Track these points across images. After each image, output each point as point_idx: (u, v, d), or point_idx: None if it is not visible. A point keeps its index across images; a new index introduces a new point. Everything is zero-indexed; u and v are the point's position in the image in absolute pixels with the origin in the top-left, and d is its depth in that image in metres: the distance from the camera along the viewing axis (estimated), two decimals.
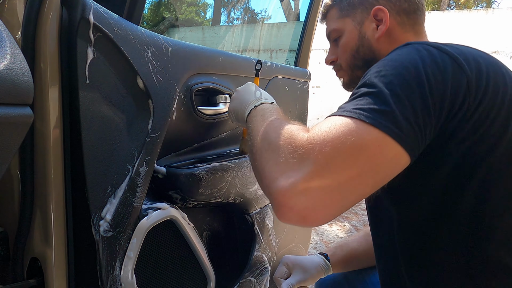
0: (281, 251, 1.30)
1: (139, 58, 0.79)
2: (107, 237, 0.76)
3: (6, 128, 0.51)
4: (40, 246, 0.75)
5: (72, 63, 0.70)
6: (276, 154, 0.60)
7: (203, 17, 4.25)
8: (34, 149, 0.72)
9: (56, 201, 0.74)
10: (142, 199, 0.82)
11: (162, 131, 0.83)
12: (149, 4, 3.51)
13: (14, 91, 0.51)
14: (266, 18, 3.82)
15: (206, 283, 1.03)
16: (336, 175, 0.54)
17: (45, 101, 0.70)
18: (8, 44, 0.53)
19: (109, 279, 0.77)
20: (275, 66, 1.29)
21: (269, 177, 0.59)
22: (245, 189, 1.08)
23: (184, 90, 0.94)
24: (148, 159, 0.81)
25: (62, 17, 0.70)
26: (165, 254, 0.93)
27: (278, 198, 0.56)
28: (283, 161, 0.58)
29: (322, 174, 0.54)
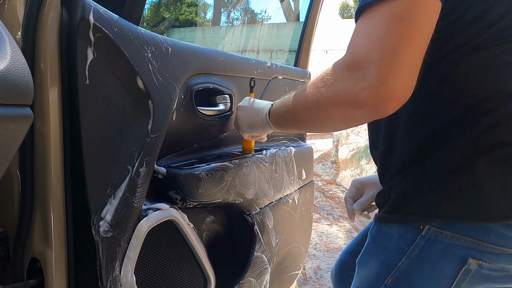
0: (281, 251, 1.30)
1: (139, 58, 0.79)
2: (107, 238, 0.76)
3: (6, 129, 0.51)
4: (40, 247, 0.75)
5: (72, 63, 0.70)
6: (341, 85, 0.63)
7: (203, 17, 4.25)
8: (34, 149, 0.72)
9: (56, 201, 0.74)
10: (142, 200, 0.82)
11: (162, 132, 0.83)
12: (149, 4, 3.51)
13: (14, 91, 0.51)
14: (266, 19, 3.83)
15: (206, 283, 1.03)
16: (396, 55, 0.57)
17: (45, 101, 0.70)
18: (8, 44, 0.53)
19: (109, 280, 0.77)
20: (275, 66, 1.29)
21: (352, 101, 0.61)
22: (245, 189, 1.08)
23: (184, 90, 0.94)
24: (148, 159, 0.81)
25: (62, 18, 0.70)
26: (165, 255, 0.93)
27: (374, 104, 0.60)
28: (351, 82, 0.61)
29: (387, 61, 0.58)
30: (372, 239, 0.79)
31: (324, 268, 2.57)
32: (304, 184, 1.44)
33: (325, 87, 0.65)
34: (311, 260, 2.68)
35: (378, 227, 0.77)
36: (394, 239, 0.73)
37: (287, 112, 0.80)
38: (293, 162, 1.32)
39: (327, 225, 3.41)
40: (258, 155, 1.14)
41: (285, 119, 0.83)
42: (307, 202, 1.46)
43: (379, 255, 0.76)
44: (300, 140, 1.51)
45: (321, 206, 3.92)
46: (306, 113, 0.73)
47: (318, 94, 0.67)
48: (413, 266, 0.71)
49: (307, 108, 0.71)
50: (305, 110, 0.72)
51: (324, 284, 2.35)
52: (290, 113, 0.78)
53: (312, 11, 1.57)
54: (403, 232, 0.72)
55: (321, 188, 4.47)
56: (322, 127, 0.75)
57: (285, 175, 1.27)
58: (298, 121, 0.78)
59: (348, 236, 3.18)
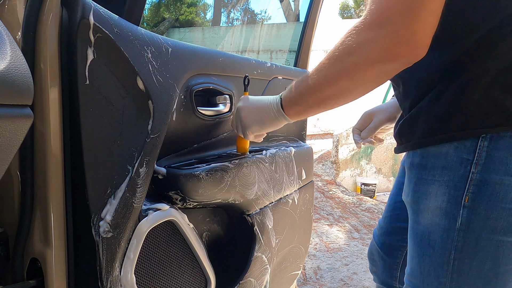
0: (281, 251, 1.30)
1: (139, 58, 0.79)
2: (107, 238, 0.76)
3: (6, 129, 0.51)
4: (40, 247, 0.75)
5: (72, 63, 0.70)
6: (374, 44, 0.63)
7: (203, 17, 4.26)
8: (34, 149, 0.72)
9: (56, 201, 0.74)
10: (142, 200, 0.82)
11: (162, 132, 0.83)
12: (149, 4, 3.52)
13: (14, 91, 0.51)
14: (266, 19, 3.83)
15: (206, 283, 1.03)
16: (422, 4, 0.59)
17: (45, 101, 0.70)
18: (8, 44, 0.53)
19: (109, 280, 0.77)
20: (275, 66, 1.29)
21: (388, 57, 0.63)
22: (245, 189, 1.08)
23: (184, 90, 0.94)
24: (148, 159, 0.81)
25: (62, 18, 0.70)
26: (165, 255, 0.93)
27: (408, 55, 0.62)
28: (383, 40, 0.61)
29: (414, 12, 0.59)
30: (419, 167, 0.72)
31: (324, 268, 2.57)
32: (304, 184, 1.44)
33: (355, 54, 0.65)
34: (311, 260, 2.68)
35: (422, 152, 0.71)
36: (450, 155, 0.67)
37: (306, 95, 0.77)
38: (293, 162, 1.32)
39: (327, 225, 3.41)
40: (258, 155, 1.14)
41: (304, 104, 0.79)
42: (307, 202, 1.46)
43: (440, 178, 0.68)
44: (300, 140, 1.51)
45: (321, 206, 3.92)
46: (335, 87, 0.71)
47: (347, 63, 0.67)
48: (486, 171, 0.64)
49: (335, 81, 0.70)
50: (334, 84, 0.70)
51: (324, 284, 2.35)
52: (311, 95, 0.75)
53: (312, 11, 1.57)
54: (458, 145, 0.67)
55: (321, 188, 4.48)
56: (351, 95, 0.72)
57: (285, 175, 1.27)
58: (324, 99, 0.75)
59: (348, 236, 3.18)
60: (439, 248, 0.69)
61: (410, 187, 0.74)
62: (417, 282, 0.75)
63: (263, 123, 0.90)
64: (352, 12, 26.44)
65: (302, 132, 1.53)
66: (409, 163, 0.75)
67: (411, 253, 0.76)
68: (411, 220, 0.76)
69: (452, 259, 0.68)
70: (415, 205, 0.73)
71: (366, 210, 3.92)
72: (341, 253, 2.83)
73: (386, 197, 4.90)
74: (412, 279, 0.76)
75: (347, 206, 4.01)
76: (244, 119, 0.92)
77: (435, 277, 0.71)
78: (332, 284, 2.36)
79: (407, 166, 0.76)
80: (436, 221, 0.69)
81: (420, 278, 0.74)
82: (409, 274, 0.78)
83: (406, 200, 0.77)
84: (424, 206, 0.71)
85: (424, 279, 0.73)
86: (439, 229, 0.69)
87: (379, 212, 3.86)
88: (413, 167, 0.74)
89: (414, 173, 0.73)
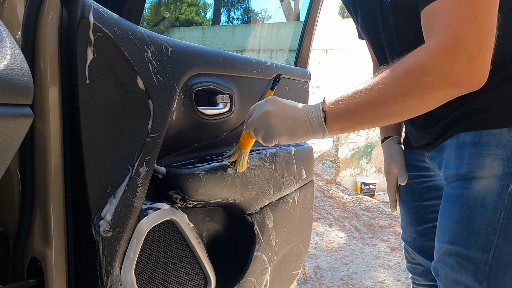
0: (281, 251, 1.30)
1: (139, 58, 0.79)
2: (107, 237, 0.76)
3: (6, 128, 0.51)
4: (40, 246, 0.75)
5: (72, 63, 0.70)
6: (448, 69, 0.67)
7: (203, 17, 4.25)
8: (34, 149, 0.72)
9: (56, 201, 0.74)
10: (142, 199, 0.82)
11: (162, 131, 0.83)
12: (149, 3, 3.51)
13: (14, 91, 0.51)
14: (266, 18, 3.83)
15: (206, 283, 1.03)
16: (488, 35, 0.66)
17: (45, 101, 0.70)
18: (8, 44, 0.53)
19: (109, 279, 0.77)
20: (275, 66, 1.29)
21: (462, 82, 0.68)
22: (245, 189, 1.08)
23: (184, 90, 0.94)
24: (148, 159, 0.81)
25: (62, 17, 0.70)
26: (165, 254, 0.93)
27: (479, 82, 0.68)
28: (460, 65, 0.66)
29: (485, 43, 0.66)
30: (472, 145, 0.81)
31: (324, 268, 2.57)
32: (304, 184, 1.44)
33: (431, 75, 0.68)
34: (311, 259, 2.68)
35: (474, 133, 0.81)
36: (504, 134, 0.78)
37: (363, 110, 0.73)
38: (293, 161, 1.32)
39: (327, 224, 3.41)
40: (258, 155, 1.14)
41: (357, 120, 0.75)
42: (307, 201, 1.46)
43: (494, 152, 0.79)
44: None
45: (321, 205, 3.92)
46: (401, 105, 0.71)
47: (421, 83, 0.68)
48: None
49: (404, 98, 0.70)
50: (401, 101, 0.71)
51: (324, 284, 2.35)
52: (370, 110, 0.73)
53: (312, 11, 1.57)
54: None
55: (321, 188, 4.48)
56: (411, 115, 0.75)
57: (285, 175, 1.27)
58: (384, 116, 0.74)
59: (348, 235, 3.18)
60: (491, 208, 0.79)
61: (463, 161, 0.82)
62: (462, 242, 0.81)
63: (295, 135, 0.81)
64: None
65: None
66: (458, 143, 0.84)
67: (456, 217, 0.83)
68: (459, 188, 0.83)
69: (502, 218, 0.78)
70: (469, 174, 0.81)
71: (366, 210, 3.92)
72: (341, 253, 2.83)
73: (386, 197, 4.90)
74: (455, 241, 0.83)
75: (347, 206, 4.01)
76: (274, 126, 0.81)
77: (484, 235, 0.79)
78: (332, 284, 2.36)
79: (454, 146, 0.84)
80: (491, 186, 0.79)
81: (466, 238, 0.81)
82: (450, 238, 0.84)
83: (456, 173, 0.84)
84: (480, 174, 0.80)
85: (471, 238, 0.80)
86: (493, 193, 0.79)
87: (379, 212, 3.86)
88: (464, 145, 0.82)
89: (467, 149, 0.82)
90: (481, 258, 0.79)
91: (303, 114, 0.80)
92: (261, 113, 0.84)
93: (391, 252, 2.89)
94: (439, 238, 0.87)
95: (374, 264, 2.67)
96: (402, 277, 2.50)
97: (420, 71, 0.68)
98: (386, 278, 2.48)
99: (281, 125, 0.81)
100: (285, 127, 0.81)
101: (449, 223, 0.84)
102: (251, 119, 0.87)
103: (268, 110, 0.82)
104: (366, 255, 2.82)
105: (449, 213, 0.85)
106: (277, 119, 0.81)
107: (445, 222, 0.86)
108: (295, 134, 0.81)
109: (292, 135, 0.81)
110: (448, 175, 0.87)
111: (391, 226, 3.48)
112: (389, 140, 1.15)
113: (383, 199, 4.59)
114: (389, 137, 1.15)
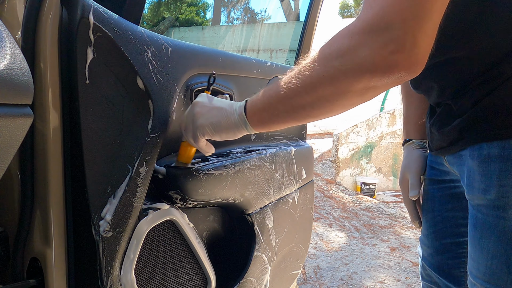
0: (281, 251, 1.30)
1: (139, 58, 0.79)
2: (107, 237, 0.76)
3: (6, 128, 0.51)
4: (40, 246, 0.75)
5: (72, 63, 0.70)
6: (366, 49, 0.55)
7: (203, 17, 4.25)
8: (34, 149, 0.72)
9: (56, 201, 0.74)
10: (142, 199, 0.82)
11: (162, 131, 0.83)
12: (149, 3, 3.52)
13: (14, 91, 0.51)
14: (266, 18, 3.83)
15: (206, 283, 1.03)
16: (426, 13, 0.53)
17: (45, 101, 0.70)
18: (8, 44, 0.53)
19: (109, 279, 0.77)
20: (275, 66, 1.29)
21: (382, 67, 0.55)
22: (245, 189, 1.08)
23: (184, 90, 0.94)
24: (148, 159, 0.81)
25: (62, 17, 0.70)
26: (165, 255, 0.93)
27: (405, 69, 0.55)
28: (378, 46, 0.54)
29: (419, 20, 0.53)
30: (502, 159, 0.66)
31: (324, 268, 2.57)
32: (304, 184, 1.44)
33: (342, 59, 0.57)
34: (311, 259, 2.69)
35: (501, 143, 0.66)
36: None
37: (276, 101, 0.67)
38: (293, 161, 1.32)
39: (327, 224, 3.41)
40: (258, 155, 1.14)
41: (272, 111, 0.69)
42: (307, 201, 1.46)
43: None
44: (300, 139, 1.51)
45: (321, 205, 3.92)
46: (312, 95, 0.62)
47: (332, 68, 0.58)
48: None
49: (314, 87, 0.61)
50: (311, 91, 0.62)
51: (324, 284, 2.35)
52: (282, 101, 0.66)
53: (312, 11, 1.57)
54: None
55: (321, 188, 4.48)
56: (328, 108, 0.64)
57: (285, 175, 1.27)
58: (296, 108, 0.66)
59: (348, 235, 3.18)
60: None
61: (492, 181, 0.67)
62: (500, 282, 0.69)
63: (218, 126, 0.77)
64: (352, 11, 26.42)
65: (302, 132, 1.53)
66: (481, 155, 0.69)
67: (492, 252, 0.70)
68: (492, 216, 0.69)
69: None
70: (502, 200, 0.67)
71: (366, 210, 3.92)
72: (341, 253, 2.83)
73: (386, 197, 4.91)
74: (491, 280, 0.70)
75: (347, 206, 4.01)
76: (197, 115, 0.79)
77: None
78: (332, 284, 2.36)
79: (477, 160, 0.70)
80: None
81: (507, 278, 0.68)
82: (485, 276, 0.71)
83: (484, 196, 0.69)
84: None
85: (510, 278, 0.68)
86: None
87: (379, 211, 3.86)
88: (490, 159, 0.67)
89: (495, 165, 0.67)
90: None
91: (229, 105, 0.77)
92: (189, 108, 0.83)
93: (391, 252, 2.89)
94: (472, 271, 0.76)
95: (374, 264, 2.67)
96: (402, 277, 2.50)
97: (332, 55, 0.58)
98: (386, 278, 2.48)
99: (205, 114, 0.78)
100: (209, 116, 0.78)
101: (483, 256, 0.72)
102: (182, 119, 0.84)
103: (195, 102, 0.82)
104: (366, 255, 2.82)
105: (481, 244, 0.72)
106: (201, 108, 0.79)
107: (478, 254, 0.73)
108: (219, 126, 0.77)
109: (215, 127, 0.77)
110: (474, 197, 0.73)
111: (391, 226, 3.48)
112: (409, 143, 1.03)
113: (383, 199, 4.60)
114: (410, 140, 1.03)
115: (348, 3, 27.09)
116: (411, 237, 3.21)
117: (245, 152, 1.14)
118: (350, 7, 26.97)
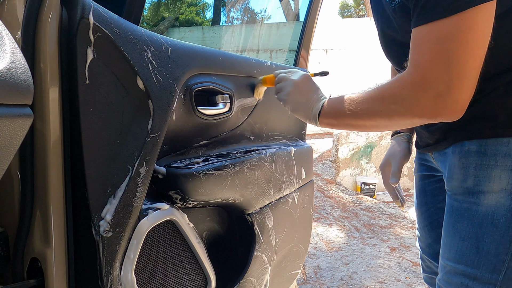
0: (281, 250, 1.30)
1: (139, 58, 0.79)
2: (107, 237, 0.76)
3: (6, 128, 0.51)
4: (40, 246, 0.75)
5: (72, 63, 0.70)
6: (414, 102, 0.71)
7: (203, 17, 4.25)
8: (34, 149, 0.72)
9: (56, 201, 0.74)
10: (142, 199, 0.82)
11: (162, 131, 0.83)
12: (148, 4, 3.52)
13: (14, 91, 0.51)
14: (266, 18, 3.83)
15: (206, 283, 1.03)
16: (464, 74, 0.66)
17: (45, 101, 0.70)
18: (8, 44, 0.53)
19: (109, 279, 0.77)
20: (275, 66, 1.29)
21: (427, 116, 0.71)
22: (244, 189, 1.08)
23: (184, 90, 0.94)
24: (148, 159, 0.81)
25: (62, 17, 0.70)
26: (165, 254, 0.93)
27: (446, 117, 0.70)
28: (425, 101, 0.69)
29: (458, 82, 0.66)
30: (478, 154, 0.77)
31: (324, 268, 2.57)
32: (304, 184, 1.44)
33: (398, 105, 0.73)
34: (311, 259, 2.69)
35: (479, 141, 0.77)
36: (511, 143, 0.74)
37: (344, 116, 0.83)
38: (293, 161, 1.32)
39: (327, 224, 3.41)
40: (258, 155, 1.14)
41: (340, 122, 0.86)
42: (307, 201, 1.46)
43: (502, 163, 0.75)
44: (300, 139, 1.51)
45: (321, 205, 3.92)
46: (373, 122, 0.79)
47: (389, 110, 0.74)
48: None
49: (375, 118, 0.77)
50: (372, 120, 0.78)
51: (324, 284, 2.35)
52: (350, 119, 0.82)
53: (312, 11, 1.57)
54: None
55: (321, 188, 4.48)
56: (385, 130, 0.85)
57: (285, 175, 1.27)
58: (360, 127, 0.83)
59: (348, 235, 3.18)
60: (502, 226, 0.75)
61: (469, 172, 0.79)
62: (470, 261, 0.78)
63: (296, 111, 0.95)
64: (352, 11, 26.41)
65: (302, 132, 1.53)
66: (462, 151, 0.80)
67: (463, 234, 0.79)
68: (466, 203, 0.80)
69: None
70: (476, 187, 0.78)
71: (366, 210, 3.92)
72: (341, 252, 2.83)
73: (386, 197, 4.90)
74: (462, 260, 0.79)
75: (347, 206, 4.01)
76: (289, 94, 0.97)
77: (494, 255, 0.75)
78: (332, 283, 2.36)
79: (458, 155, 0.81)
80: (501, 201, 0.75)
81: (474, 258, 0.77)
82: (456, 256, 0.80)
83: (461, 185, 0.80)
84: (488, 188, 0.76)
85: (480, 258, 0.77)
86: (504, 208, 0.75)
87: (379, 211, 3.86)
88: (469, 154, 0.79)
89: (472, 159, 0.79)
90: (490, 279, 0.75)
91: (311, 100, 0.92)
92: (291, 79, 0.99)
93: (391, 252, 2.89)
94: (443, 254, 0.84)
95: (374, 264, 2.67)
96: (402, 277, 2.50)
97: (389, 99, 0.74)
98: (386, 278, 2.48)
99: (294, 97, 0.96)
100: (296, 100, 0.95)
101: (455, 239, 0.81)
102: (285, 75, 1.02)
103: (296, 81, 0.98)
104: (366, 255, 2.82)
105: (454, 228, 0.81)
106: (296, 91, 0.96)
107: (450, 238, 0.82)
108: (297, 111, 0.95)
109: (295, 110, 0.96)
110: (453, 186, 0.83)
111: (391, 226, 3.48)
112: (399, 135, 1.13)
113: (383, 199, 4.59)
114: (400, 133, 1.13)
115: (348, 3, 27.08)
116: (411, 237, 3.21)
117: (245, 152, 1.14)
118: (350, 7, 26.96)
